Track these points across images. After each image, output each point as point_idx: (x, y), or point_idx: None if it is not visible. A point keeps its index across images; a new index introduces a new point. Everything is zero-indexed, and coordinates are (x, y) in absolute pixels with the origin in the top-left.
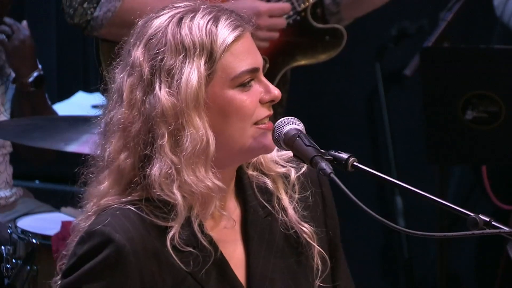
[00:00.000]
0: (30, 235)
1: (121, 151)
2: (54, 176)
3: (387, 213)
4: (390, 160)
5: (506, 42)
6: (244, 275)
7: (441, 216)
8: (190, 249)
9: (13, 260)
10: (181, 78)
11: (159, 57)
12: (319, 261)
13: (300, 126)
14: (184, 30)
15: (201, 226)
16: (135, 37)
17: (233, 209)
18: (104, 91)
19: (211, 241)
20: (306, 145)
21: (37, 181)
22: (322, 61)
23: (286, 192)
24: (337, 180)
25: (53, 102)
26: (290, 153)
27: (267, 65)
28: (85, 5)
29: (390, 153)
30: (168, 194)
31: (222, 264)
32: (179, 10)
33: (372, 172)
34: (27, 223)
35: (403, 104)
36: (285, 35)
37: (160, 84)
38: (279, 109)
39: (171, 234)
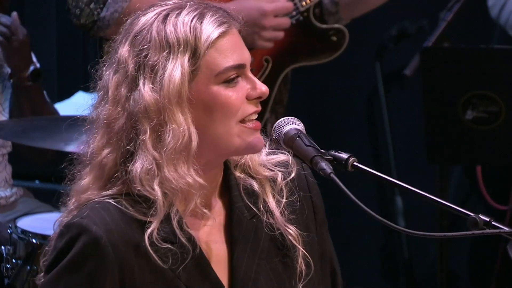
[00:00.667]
0: (30, 235)
1: (104, 147)
2: (54, 176)
3: (387, 213)
4: (390, 160)
5: (506, 42)
6: (228, 275)
7: (441, 216)
8: (168, 245)
9: (13, 260)
10: (164, 74)
11: (143, 54)
12: (303, 265)
13: (300, 126)
14: (169, 27)
15: (180, 222)
16: (122, 34)
17: (219, 209)
18: (93, 89)
19: (190, 238)
20: (306, 145)
21: (37, 181)
22: (324, 62)
23: (273, 196)
24: (337, 180)
25: (53, 102)
26: (278, 157)
27: (270, 65)
28: (92, 5)
29: (390, 153)
30: (149, 190)
31: (202, 262)
32: (165, 7)
33: (372, 172)
34: (27, 223)
35: (403, 104)
36: (288, 35)
37: (144, 80)
38: (280, 109)
39: (149, 230)
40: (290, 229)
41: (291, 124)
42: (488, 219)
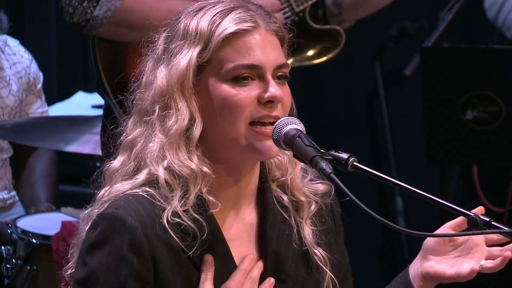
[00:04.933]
0: (30, 235)
1: (134, 128)
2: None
3: (387, 213)
4: (390, 160)
5: (506, 42)
6: None
7: (441, 216)
8: (185, 224)
9: (13, 260)
10: (175, 61)
11: (169, 40)
12: (331, 284)
13: (300, 126)
14: (195, 19)
15: (197, 207)
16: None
17: (250, 211)
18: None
19: (208, 221)
20: (306, 145)
21: None
22: (321, 62)
23: (303, 218)
24: (337, 180)
25: (53, 102)
26: (318, 187)
27: None
28: (85, 4)
29: (390, 153)
30: (156, 169)
31: (219, 248)
32: (208, 1)
33: (372, 172)
34: (27, 223)
35: (403, 104)
36: None
37: (162, 65)
38: None
39: (168, 211)
40: (318, 251)
41: (291, 124)
42: (488, 219)
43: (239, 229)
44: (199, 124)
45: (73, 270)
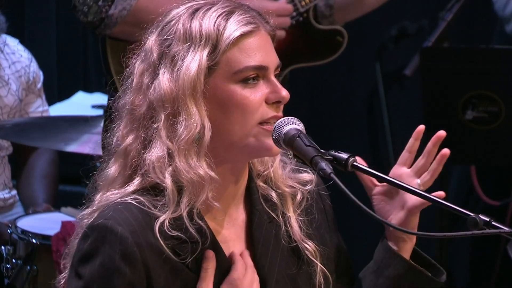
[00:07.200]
0: (30, 235)
1: (127, 134)
2: None
3: None
4: (390, 160)
5: (506, 42)
6: None
7: (441, 216)
8: (178, 233)
9: (13, 260)
10: (182, 65)
11: (166, 43)
12: (322, 279)
13: (300, 126)
14: (195, 21)
15: (190, 214)
16: (155, 25)
17: (240, 212)
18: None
19: (201, 229)
20: (306, 145)
21: None
22: (323, 63)
23: (291, 211)
24: (337, 180)
25: (53, 102)
26: (302, 176)
27: None
28: (100, 3)
29: (390, 153)
30: (161, 178)
31: (220, 260)
32: (198, 2)
33: (372, 172)
34: (27, 223)
35: (403, 104)
36: (287, 36)
37: (164, 69)
38: None
39: (161, 219)
40: (308, 244)
41: (291, 124)
42: (488, 219)
43: (231, 231)
44: (209, 129)
45: (66, 280)
